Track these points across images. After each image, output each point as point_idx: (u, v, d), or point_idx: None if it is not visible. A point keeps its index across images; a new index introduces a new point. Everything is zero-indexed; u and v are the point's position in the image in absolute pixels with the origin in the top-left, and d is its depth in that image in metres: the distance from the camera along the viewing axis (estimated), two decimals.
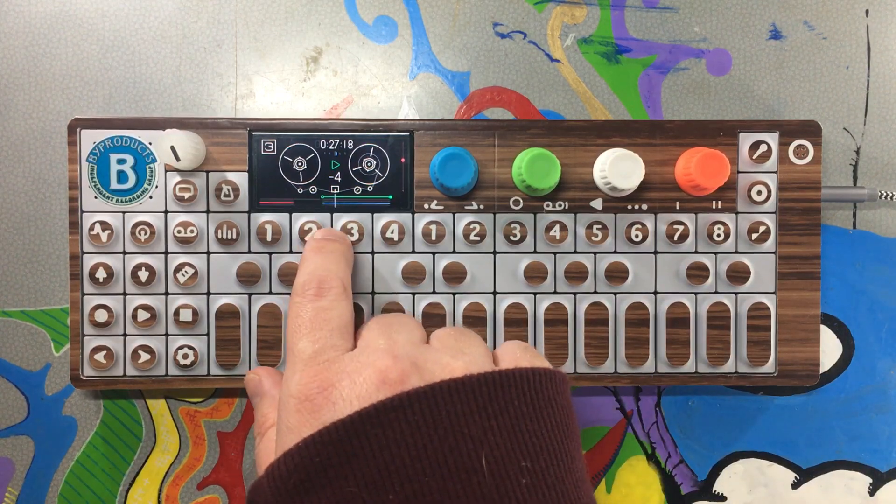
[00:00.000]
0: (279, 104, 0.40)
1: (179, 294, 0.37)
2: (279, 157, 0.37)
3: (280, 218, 0.37)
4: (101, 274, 0.37)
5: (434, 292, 0.37)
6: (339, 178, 0.37)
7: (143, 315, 0.37)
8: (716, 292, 0.38)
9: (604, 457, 0.40)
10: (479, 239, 0.37)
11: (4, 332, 0.39)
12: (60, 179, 0.39)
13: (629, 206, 0.38)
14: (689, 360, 0.38)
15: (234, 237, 0.37)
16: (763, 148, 0.38)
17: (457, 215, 0.37)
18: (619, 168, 0.36)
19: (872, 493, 0.41)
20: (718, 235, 0.38)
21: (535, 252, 0.38)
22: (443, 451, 0.25)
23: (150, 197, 0.37)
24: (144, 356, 0.37)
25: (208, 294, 0.37)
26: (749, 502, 0.41)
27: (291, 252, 0.37)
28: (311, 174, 0.37)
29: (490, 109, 0.40)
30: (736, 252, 0.38)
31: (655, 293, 0.38)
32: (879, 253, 0.41)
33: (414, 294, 0.37)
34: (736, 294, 0.38)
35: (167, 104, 0.39)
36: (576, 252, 0.38)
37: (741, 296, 0.38)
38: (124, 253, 0.37)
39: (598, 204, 0.38)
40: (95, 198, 0.37)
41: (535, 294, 0.38)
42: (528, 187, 0.36)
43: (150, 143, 0.37)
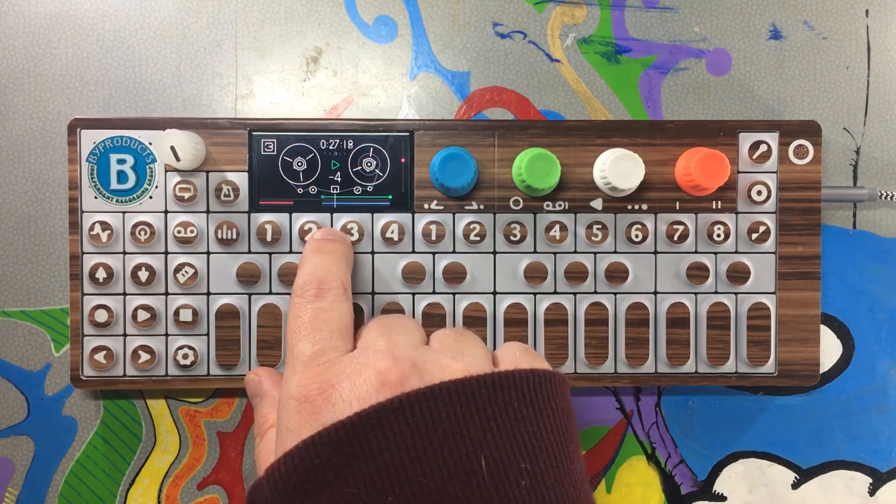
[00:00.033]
0: (279, 104, 0.40)
1: (179, 294, 0.37)
2: (279, 157, 0.37)
3: (280, 218, 0.37)
4: (101, 274, 0.37)
5: (434, 292, 0.37)
6: (339, 178, 0.37)
7: (143, 315, 0.37)
8: (716, 292, 0.38)
9: (604, 457, 0.40)
10: (479, 239, 0.37)
11: (4, 332, 0.39)
12: (60, 179, 0.39)
13: (629, 206, 0.38)
14: (689, 360, 0.38)
15: (234, 237, 0.37)
16: (763, 148, 0.38)
17: (457, 215, 0.37)
18: (619, 168, 0.36)
19: (872, 493, 0.41)
20: (718, 235, 0.38)
21: (535, 252, 0.38)
22: (442, 453, 0.25)
23: (150, 197, 0.37)
24: (144, 356, 0.37)
25: (208, 294, 0.37)
26: (749, 502, 0.41)
27: (291, 252, 0.37)
28: (311, 174, 0.37)
29: (490, 109, 0.40)
30: (736, 252, 0.38)
31: (655, 293, 0.38)
32: (879, 253, 0.41)
33: (414, 294, 0.37)
34: (736, 294, 0.38)
35: (167, 104, 0.39)
36: (576, 252, 0.38)
37: (741, 296, 0.38)
38: (124, 253, 0.37)
39: (598, 204, 0.38)
40: (95, 198, 0.37)
41: (535, 294, 0.38)
42: (528, 187, 0.36)
43: (150, 143, 0.37)
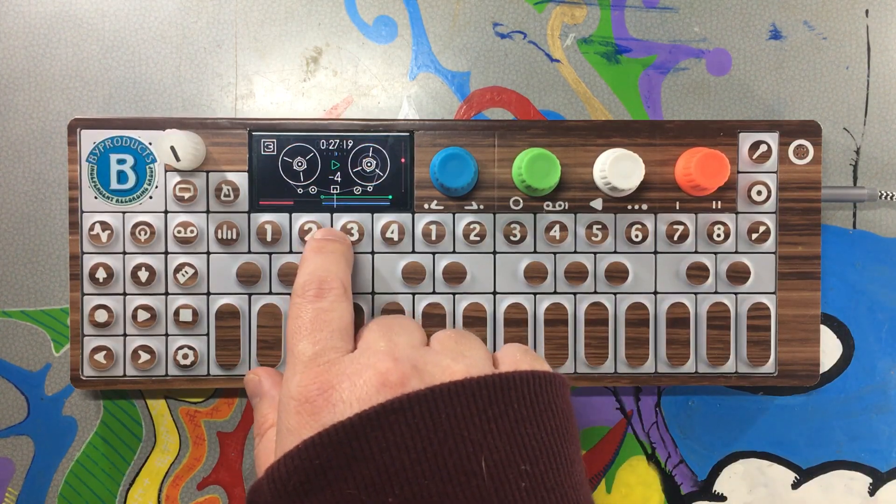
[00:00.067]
0: (279, 104, 0.40)
1: (179, 294, 0.37)
2: (279, 157, 0.37)
3: (280, 218, 0.37)
4: (101, 274, 0.37)
5: (434, 292, 0.37)
6: (339, 179, 0.37)
7: (143, 315, 0.37)
8: (716, 292, 0.38)
9: (604, 457, 0.40)
10: (479, 239, 0.37)
11: (4, 332, 0.39)
12: (60, 179, 0.39)
13: (629, 206, 0.38)
14: (689, 360, 0.38)
15: (234, 237, 0.37)
16: (763, 148, 0.38)
17: (457, 215, 0.37)
18: (619, 168, 0.36)
19: (872, 493, 0.41)
20: (718, 235, 0.38)
21: (535, 252, 0.38)
22: (442, 454, 0.25)
23: (150, 197, 0.37)
24: (144, 356, 0.37)
25: (208, 294, 0.37)
26: (749, 502, 0.41)
27: (291, 252, 0.37)
28: (311, 174, 0.37)
29: (490, 109, 0.40)
30: (736, 252, 0.38)
31: (655, 293, 0.38)
32: (879, 253, 0.41)
33: (414, 294, 0.37)
34: (736, 294, 0.38)
35: (167, 104, 0.39)
36: (576, 252, 0.38)
37: (741, 296, 0.38)
38: (124, 253, 0.37)
39: (598, 204, 0.38)
40: (95, 198, 0.37)
41: (535, 294, 0.38)
42: (528, 187, 0.36)
43: (150, 143, 0.37)
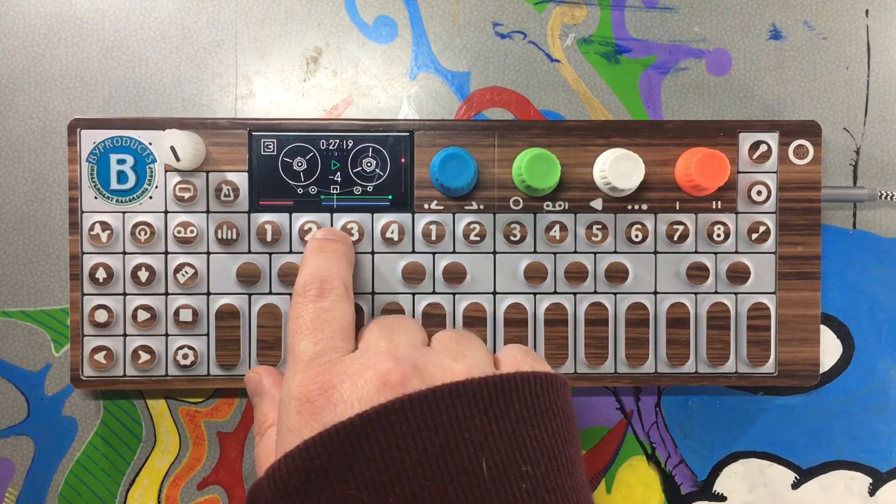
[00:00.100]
0: (279, 104, 0.40)
1: (179, 294, 0.37)
2: (279, 157, 0.37)
3: (280, 218, 0.37)
4: (101, 274, 0.37)
5: (434, 292, 0.37)
6: (338, 179, 0.37)
7: (143, 315, 0.37)
8: (716, 292, 0.38)
9: (604, 457, 0.40)
10: (479, 239, 0.37)
11: (4, 332, 0.39)
12: (60, 179, 0.39)
13: (629, 206, 0.38)
14: (689, 360, 0.38)
15: (234, 237, 0.37)
16: (763, 148, 0.38)
17: (457, 215, 0.37)
18: (619, 168, 0.36)
19: (872, 493, 0.41)
20: (718, 235, 0.38)
21: (535, 252, 0.38)
22: (443, 455, 0.25)
23: (150, 197, 0.37)
24: (144, 356, 0.37)
25: (208, 294, 0.37)
26: (749, 502, 0.41)
27: (291, 252, 0.37)
28: (311, 174, 0.37)
29: (490, 109, 0.40)
30: (736, 252, 0.38)
31: (655, 293, 0.38)
32: (879, 253, 0.41)
33: (414, 294, 0.37)
34: (736, 294, 0.38)
35: (167, 104, 0.39)
36: (576, 252, 0.38)
37: (741, 296, 0.38)
38: (124, 253, 0.37)
39: (598, 204, 0.38)
40: (95, 198, 0.37)
41: (535, 294, 0.38)
42: (528, 187, 0.36)
43: (150, 144, 0.37)
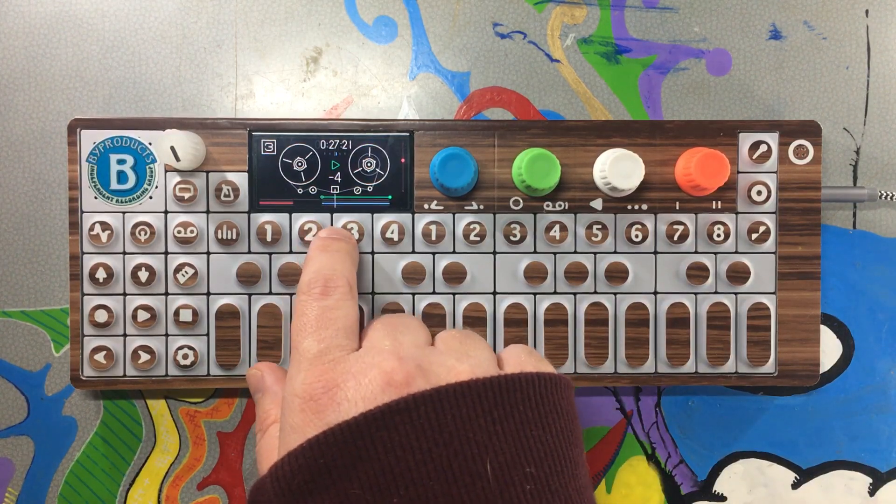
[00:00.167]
0: (279, 104, 0.40)
1: (179, 294, 0.37)
2: (279, 157, 0.37)
3: (280, 218, 0.37)
4: (101, 274, 0.37)
5: (434, 292, 0.37)
6: (338, 179, 0.37)
7: (143, 315, 0.37)
8: (716, 292, 0.38)
9: (604, 457, 0.40)
10: (479, 239, 0.37)
11: (4, 332, 0.39)
12: (60, 179, 0.39)
13: (629, 207, 0.38)
14: (689, 360, 0.38)
15: (234, 237, 0.37)
16: (763, 148, 0.38)
17: (457, 215, 0.37)
18: (619, 168, 0.36)
19: (872, 493, 0.41)
20: (718, 235, 0.38)
21: (535, 252, 0.38)
22: (447, 456, 0.25)
23: (150, 197, 0.37)
24: (144, 356, 0.37)
25: (208, 294, 0.37)
26: (749, 502, 0.41)
27: (291, 252, 0.37)
28: (310, 174, 0.37)
29: (490, 109, 0.40)
30: (736, 252, 0.38)
31: (655, 293, 0.38)
32: (879, 253, 0.41)
33: (414, 294, 0.37)
34: (736, 294, 0.38)
35: (167, 104, 0.39)
36: (576, 252, 0.38)
37: (741, 296, 0.38)
38: (124, 253, 0.37)
39: (598, 204, 0.38)
40: (95, 198, 0.37)
41: (535, 294, 0.38)
42: (528, 187, 0.36)
43: (150, 144, 0.37)
